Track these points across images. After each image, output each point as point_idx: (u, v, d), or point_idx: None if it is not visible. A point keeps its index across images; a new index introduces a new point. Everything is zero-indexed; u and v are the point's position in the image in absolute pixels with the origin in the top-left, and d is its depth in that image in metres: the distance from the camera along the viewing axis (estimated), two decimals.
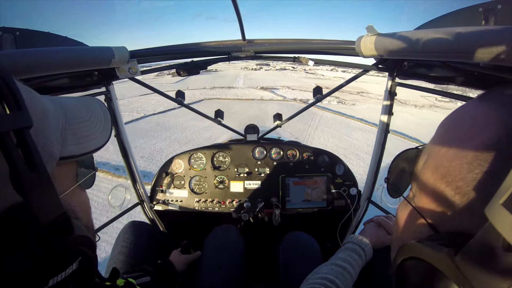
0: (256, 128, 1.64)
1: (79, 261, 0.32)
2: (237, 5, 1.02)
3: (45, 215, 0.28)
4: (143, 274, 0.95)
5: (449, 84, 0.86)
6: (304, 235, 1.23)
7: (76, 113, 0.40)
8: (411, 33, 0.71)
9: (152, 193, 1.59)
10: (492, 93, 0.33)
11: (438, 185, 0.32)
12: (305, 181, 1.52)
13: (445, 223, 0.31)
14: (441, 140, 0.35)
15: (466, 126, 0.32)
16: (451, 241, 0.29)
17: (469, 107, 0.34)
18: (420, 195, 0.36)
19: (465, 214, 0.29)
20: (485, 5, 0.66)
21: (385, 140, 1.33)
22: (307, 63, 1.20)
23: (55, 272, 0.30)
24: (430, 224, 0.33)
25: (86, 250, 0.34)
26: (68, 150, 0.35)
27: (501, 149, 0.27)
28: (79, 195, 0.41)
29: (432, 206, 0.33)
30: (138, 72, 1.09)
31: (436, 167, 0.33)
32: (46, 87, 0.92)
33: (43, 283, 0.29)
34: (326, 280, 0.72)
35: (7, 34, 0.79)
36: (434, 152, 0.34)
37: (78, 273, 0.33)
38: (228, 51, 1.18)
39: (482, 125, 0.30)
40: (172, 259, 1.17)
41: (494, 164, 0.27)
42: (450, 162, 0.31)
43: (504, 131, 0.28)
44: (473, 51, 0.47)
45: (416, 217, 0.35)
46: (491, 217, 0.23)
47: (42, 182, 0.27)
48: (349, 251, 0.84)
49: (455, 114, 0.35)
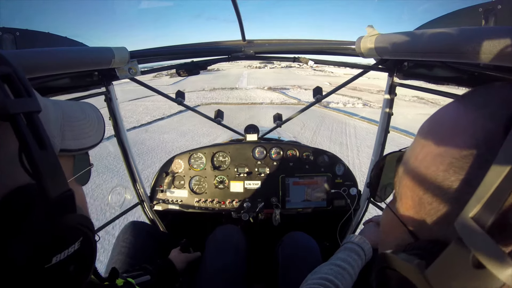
0: (256, 128, 1.64)
1: (80, 241, 0.33)
2: (237, 5, 1.02)
3: (53, 190, 0.29)
4: (143, 273, 0.95)
5: (449, 84, 0.87)
6: (303, 235, 1.23)
7: (72, 112, 0.43)
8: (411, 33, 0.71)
9: (152, 193, 1.59)
10: (473, 93, 0.31)
11: (416, 191, 0.31)
12: (305, 181, 1.52)
13: (425, 231, 0.30)
14: (420, 144, 0.33)
15: (443, 129, 0.30)
16: (427, 250, 0.28)
17: (449, 109, 0.32)
18: (401, 201, 0.35)
19: (442, 223, 0.28)
20: (485, 5, 0.66)
21: (385, 140, 1.33)
22: (307, 63, 1.20)
23: (59, 250, 0.30)
24: (410, 231, 0.32)
25: (87, 231, 0.34)
26: (66, 144, 0.38)
27: (477, 155, 0.25)
28: (77, 189, 0.42)
29: (412, 213, 0.32)
30: (138, 73, 1.09)
31: (414, 173, 0.32)
32: (46, 87, 0.92)
33: (47, 260, 0.29)
34: (325, 280, 0.71)
35: (7, 34, 0.79)
36: (413, 157, 0.33)
37: (79, 254, 0.33)
38: (228, 52, 1.18)
39: (460, 129, 0.28)
40: (172, 257, 1.17)
41: (470, 172, 0.25)
42: (427, 169, 0.30)
43: (482, 135, 0.26)
44: (473, 51, 0.47)
45: (398, 223, 0.34)
46: (461, 231, 0.22)
47: (51, 159, 0.30)
48: (348, 251, 0.84)
49: (434, 117, 0.33)
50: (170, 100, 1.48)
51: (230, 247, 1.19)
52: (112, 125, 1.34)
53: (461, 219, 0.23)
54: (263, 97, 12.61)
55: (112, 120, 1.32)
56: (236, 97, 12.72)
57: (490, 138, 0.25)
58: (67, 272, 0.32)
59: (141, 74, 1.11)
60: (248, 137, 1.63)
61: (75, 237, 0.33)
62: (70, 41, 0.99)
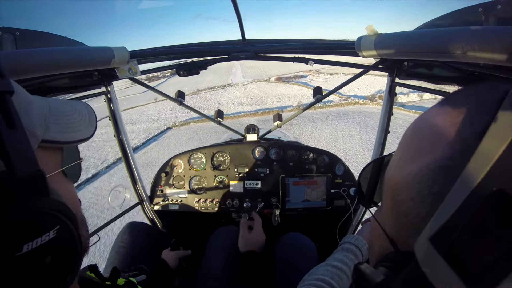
0: (256, 128, 1.64)
1: (57, 229, 0.31)
2: (237, 5, 1.02)
3: (21, 169, 0.28)
4: (139, 273, 0.96)
5: (449, 84, 0.86)
6: (300, 236, 1.23)
7: (60, 108, 0.43)
8: (411, 33, 0.71)
9: (152, 193, 1.59)
10: (455, 96, 0.28)
11: (395, 201, 0.29)
12: (305, 181, 1.52)
13: (402, 242, 0.29)
14: (401, 152, 0.31)
15: (421, 137, 0.28)
16: (399, 264, 0.26)
17: (429, 114, 0.29)
18: (384, 208, 0.34)
19: (416, 236, 0.26)
20: (485, 5, 0.66)
21: (385, 140, 1.33)
22: (307, 63, 1.20)
23: (30, 237, 0.29)
24: (391, 240, 0.31)
25: (65, 220, 0.33)
26: (51, 135, 0.38)
27: (452, 167, 0.23)
28: (65, 184, 0.42)
29: (392, 222, 0.31)
30: (138, 72, 1.09)
31: (394, 182, 0.30)
32: (46, 87, 0.92)
33: (17, 248, 0.28)
34: (322, 282, 0.71)
35: (7, 34, 0.79)
36: (394, 164, 0.31)
37: (56, 245, 0.31)
38: (228, 51, 1.18)
39: (437, 137, 0.26)
40: (164, 257, 1.19)
41: (443, 185, 0.23)
42: (404, 179, 0.28)
43: (459, 144, 0.23)
44: (473, 51, 0.47)
45: (381, 231, 0.33)
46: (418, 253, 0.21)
47: (19, 138, 0.29)
48: (345, 251, 0.84)
49: (415, 122, 0.31)
50: (170, 100, 1.48)
51: (230, 247, 1.19)
52: (112, 125, 1.34)
53: (421, 238, 0.21)
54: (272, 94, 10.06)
55: (112, 120, 1.32)
56: (230, 101, 10.44)
57: (466, 148, 0.22)
58: (43, 264, 0.30)
59: (141, 74, 1.11)
60: (248, 137, 1.63)
61: (49, 224, 0.31)
62: (70, 41, 0.99)
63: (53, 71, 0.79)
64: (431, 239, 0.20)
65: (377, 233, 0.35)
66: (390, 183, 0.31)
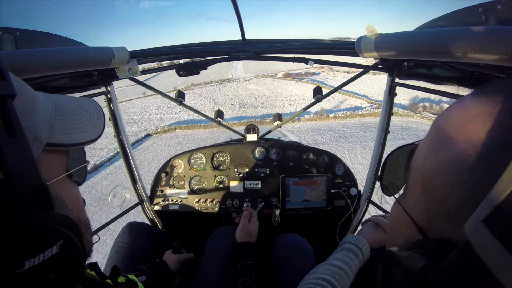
0: (256, 128, 1.64)
1: (60, 244, 0.30)
2: (237, 5, 1.02)
3: (21, 182, 0.26)
4: (139, 273, 0.96)
5: (449, 84, 0.87)
6: (296, 237, 1.22)
7: (67, 107, 0.40)
8: (411, 33, 0.71)
9: (152, 193, 1.59)
10: (489, 87, 0.29)
11: (427, 187, 0.29)
12: (305, 181, 1.52)
13: (433, 229, 0.29)
14: (432, 140, 0.31)
15: (457, 126, 0.28)
16: (434, 251, 0.26)
17: (463, 104, 0.30)
18: (411, 196, 0.34)
19: (452, 223, 0.26)
20: (485, 5, 0.66)
21: (385, 140, 1.33)
22: (307, 63, 1.20)
23: (32, 253, 0.27)
24: (419, 227, 0.31)
25: (69, 234, 0.31)
26: (56, 138, 0.35)
27: (492, 154, 0.23)
28: (70, 188, 0.40)
29: (421, 209, 0.31)
30: (138, 72, 1.09)
31: (426, 169, 0.30)
32: (46, 87, 0.92)
33: (18, 265, 0.26)
34: (322, 280, 0.72)
35: (7, 34, 0.79)
36: (424, 152, 0.32)
37: (60, 260, 0.30)
38: (228, 51, 1.18)
39: (475, 126, 0.26)
40: (165, 259, 1.19)
41: (485, 171, 0.23)
42: (439, 165, 0.28)
43: (498, 133, 0.24)
44: (473, 51, 0.47)
45: (406, 218, 0.33)
46: (470, 235, 0.21)
47: (19, 147, 0.27)
48: (345, 251, 0.84)
49: (447, 112, 0.31)
50: (170, 100, 1.48)
51: (230, 248, 1.19)
52: (112, 125, 1.34)
53: (471, 221, 0.21)
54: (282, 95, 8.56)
55: (112, 120, 1.32)
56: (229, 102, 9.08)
57: (508, 136, 0.23)
58: (46, 280, 0.29)
59: (141, 74, 1.11)
60: (248, 137, 1.63)
61: (52, 239, 0.29)
62: (70, 41, 0.99)
63: (53, 71, 0.79)
64: (485, 221, 0.20)
65: (401, 221, 0.35)
66: (419, 171, 0.31)
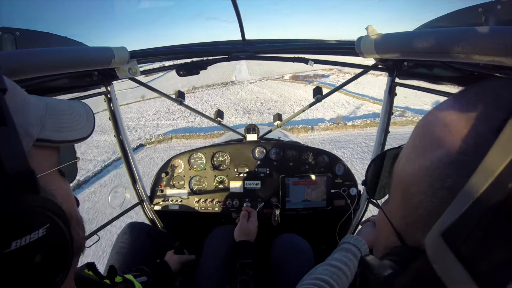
0: (256, 128, 1.64)
1: (46, 228, 0.31)
2: (237, 5, 1.02)
3: (9, 165, 0.29)
4: (140, 274, 0.96)
5: (449, 84, 0.87)
6: (294, 237, 1.22)
7: (57, 107, 0.43)
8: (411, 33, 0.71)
9: (152, 193, 1.59)
10: (467, 93, 0.28)
11: (405, 193, 0.29)
12: (305, 181, 1.52)
13: (409, 236, 0.29)
14: (411, 146, 0.31)
15: (433, 130, 0.28)
16: (406, 259, 0.26)
17: (442, 108, 0.29)
18: (393, 202, 0.33)
19: (425, 231, 0.25)
20: (485, 5, 0.66)
21: (385, 140, 1.33)
22: (307, 63, 1.19)
23: (18, 234, 0.28)
24: (398, 233, 0.31)
25: (56, 220, 0.32)
26: (46, 134, 0.38)
27: (466, 162, 0.23)
28: (60, 183, 0.41)
29: (400, 215, 0.31)
30: (138, 73, 1.09)
31: (404, 174, 0.30)
32: (46, 87, 0.92)
33: (6, 245, 0.27)
34: (320, 281, 0.72)
35: (7, 34, 0.79)
36: (405, 156, 0.31)
37: (46, 244, 0.31)
38: (228, 51, 1.18)
39: (451, 131, 0.25)
40: (167, 259, 1.18)
41: (456, 179, 0.23)
42: (416, 171, 0.28)
43: (473, 139, 0.23)
44: (473, 51, 0.47)
45: (388, 224, 0.33)
46: (429, 248, 0.21)
47: (10, 135, 0.30)
48: (344, 251, 0.84)
49: (427, 116, 0.31)
50: (171, 100, 1.48)
51: (228, 247, 1.19)
52: (112, 125, 1.34)
53: (431, 233, 0.21)
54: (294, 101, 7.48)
55: (112, 120, 1.32)
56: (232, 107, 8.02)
57: (481, 143, 0.22)
58: (33, 262, 0.30)
59: (141, 74, 1.11)
60: (248, 137, 1.63)
61: (38, 222, 0.31)
62: (70, 41, 0.99)
63: (53, 71, 0.79)
64: (443, 234, 0.20)
65: (384, 226, 0.34)
66: (400, 176, 0.31)
